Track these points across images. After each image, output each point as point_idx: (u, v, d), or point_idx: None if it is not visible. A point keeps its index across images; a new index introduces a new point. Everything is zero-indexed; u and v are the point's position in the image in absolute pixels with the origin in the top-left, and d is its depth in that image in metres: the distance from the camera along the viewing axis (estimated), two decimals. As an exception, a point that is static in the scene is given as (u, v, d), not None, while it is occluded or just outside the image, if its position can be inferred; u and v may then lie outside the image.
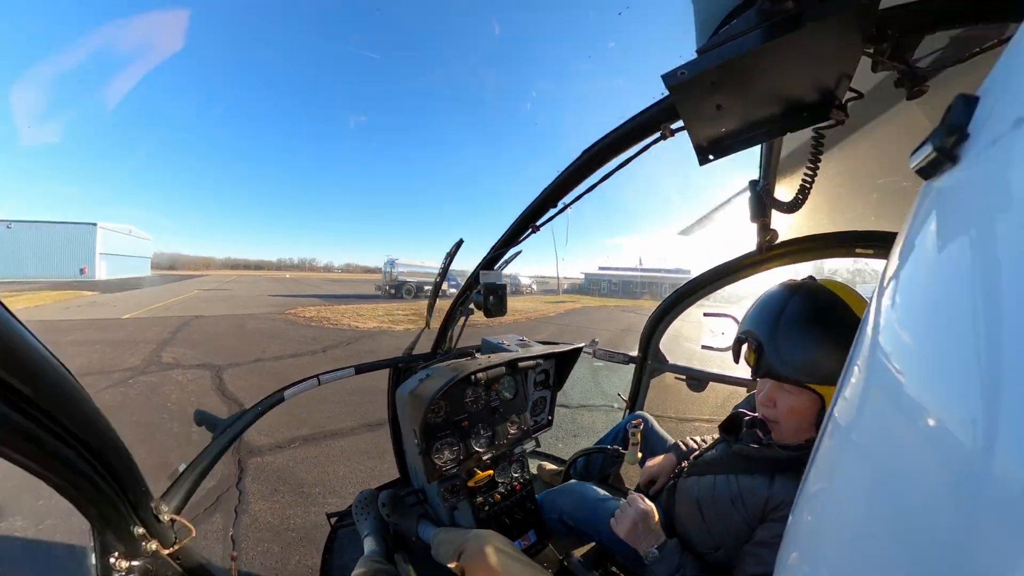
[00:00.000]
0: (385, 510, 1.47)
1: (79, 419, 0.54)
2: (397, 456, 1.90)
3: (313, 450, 3.62)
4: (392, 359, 1.74)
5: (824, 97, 0.71)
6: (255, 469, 3.30)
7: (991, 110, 0.31)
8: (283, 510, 2.73)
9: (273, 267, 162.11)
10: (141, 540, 0.71)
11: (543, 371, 1.82)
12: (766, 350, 0.92)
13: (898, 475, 0.33)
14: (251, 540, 2.42)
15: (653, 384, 2.31)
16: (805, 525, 0.50)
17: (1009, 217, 0.27)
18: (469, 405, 1.54)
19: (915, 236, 0.39)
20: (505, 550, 1.05)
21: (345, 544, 1.66)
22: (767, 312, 0.96)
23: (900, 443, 0.34)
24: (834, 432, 0.46)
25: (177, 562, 0.81)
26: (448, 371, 1.34)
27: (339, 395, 4.86)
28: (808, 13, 0.56)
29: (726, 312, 2.05)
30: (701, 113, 0.73)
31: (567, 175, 1.14)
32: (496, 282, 1.54)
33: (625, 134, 0.97)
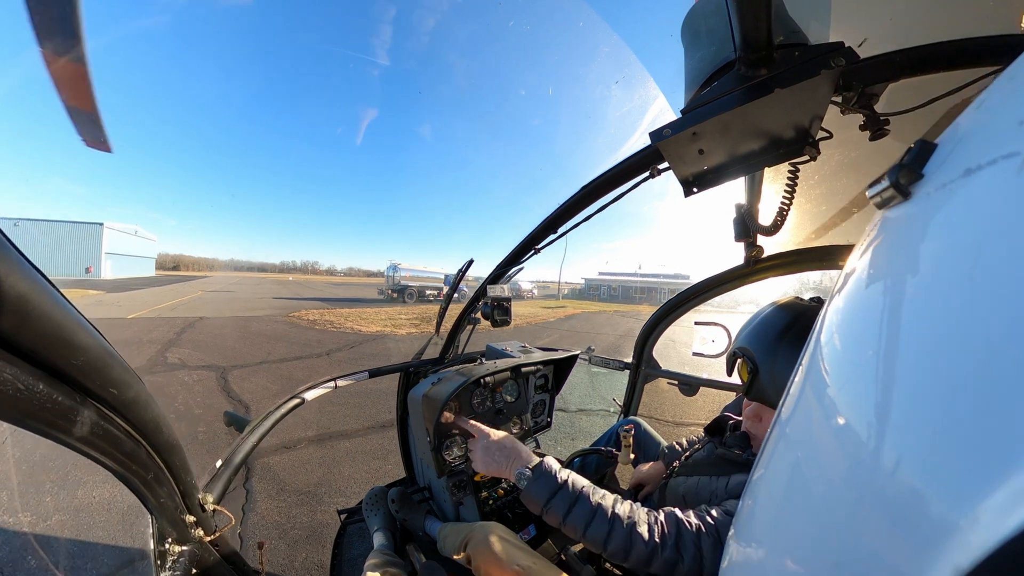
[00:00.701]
0: (394, 506, 1.56)
1: (149, 422, 0.62)
2: (404, 456, 1.98)
3: (319, 451, 3.70)
4: (403, 364, 1.86)
5: (798, 136, 0.79)
6: (262, 469, 3.38)
7: (946, 157, 0.34)
8: (289, 509, 2.81)
9: (276, 269, 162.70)
10: (191, 527, 0.79)
11: (542, 375, 1.93)
12: (761, 375, 0.91)
13: (814, 466, 0.38)
14: (258, 538, 2.49)
15: (648, 389, 2.40)
16: (746, 510, 0.56)
17: (946, 252, 0.30)
18: (476, 406, 1.64)
19: (863, 257, 0.43)
20: (508, 539, 1.11)
21: (354, 539, 1.74)
22: (766, 333, 0.94)
23: (818, 439, 0.39)
24: (775, 425, 0.52)
25: (216, 549, 0.89)
26: (458, 375, 1.45)
27: (344, 398, 4.94)
28: (778, 80, 0.65)
29: (716, 321, 2.16)
30: (685, 158, 0.83)
31: (567, 207, 1.25)
32: (502, 295, 1.66)
33: (618, 173, 1.08)
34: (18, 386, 0.39)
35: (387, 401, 5.02)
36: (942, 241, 0.31)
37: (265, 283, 47.54)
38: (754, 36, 0.60)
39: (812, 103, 0.70)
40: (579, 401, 5.41)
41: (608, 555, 0.80)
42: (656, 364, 2.35)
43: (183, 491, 0.77)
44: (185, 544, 0.78)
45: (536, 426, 1.91)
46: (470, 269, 1.77)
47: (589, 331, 14.89)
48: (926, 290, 0.31)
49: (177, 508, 0.75)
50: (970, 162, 0.30)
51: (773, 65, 0.65)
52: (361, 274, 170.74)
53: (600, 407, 5.24)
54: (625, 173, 1.07)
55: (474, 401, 1.63)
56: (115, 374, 0.52)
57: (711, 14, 0.75)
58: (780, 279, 1.80)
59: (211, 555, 0.86)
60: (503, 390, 1.75)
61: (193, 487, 0.80)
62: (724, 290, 1.97)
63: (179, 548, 0.76)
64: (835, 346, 0.42)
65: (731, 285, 1.93)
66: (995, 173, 0.28)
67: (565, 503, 0.84)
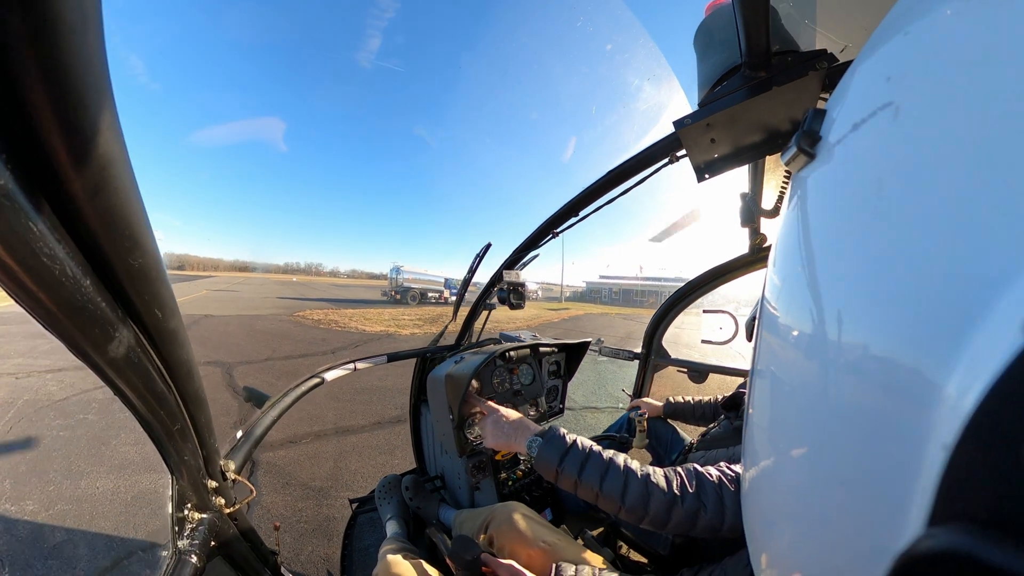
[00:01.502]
0: (408, 494, 1.51)
1: (183, 364, 0.56)
2: (415, 445, 1.95)
3: (324, 445, 3.66)
4: (421, 349, 1.87)
5: (794, 128, 0.84)
6: (267, 464, 3.34)
7: (835, 118, 0.41)
8: (295, 503, 2.76)
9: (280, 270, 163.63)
10: (212, 494, 0.74)
11: (555, 361, 1.97)
12: None
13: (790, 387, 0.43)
14: (264, 531, 2.45)
15: (657, 378, 2.44)
16: (748, 444, 0.61)
17: (852, 191, 0.36)
18: (497, 386, 1.67)
19: (787, 217, 0.50)
20: (532, 517, 1.08)
21: (364, 529, 1.71)
22: None
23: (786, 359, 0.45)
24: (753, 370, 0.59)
25: (235, 523, 0.84)
26: (479, 353, 1.48)
27: (348, 394, 4.91)
28: (775, 79, 0.79)
29: (723, 309, 2.22)
30: (699, 145, 0.96)
31: (591, 190, 1.32)
32: (517, 280, 1.69)
33: (641, 159, 1.18)
34: (66, 271, 0.33)
35: (392, 398, 4.98)
36: (848, 184, 0.37)
37: (269, 283, 47.78)
38: (756, 44, 0.73)
39: (804, 99, 0.83)
40: (584, 399, 5.35)
41: (627, 512, 0.78)
42: (665, 353, 2.39)
43: (206, 454, 0.71)
44: (205, 512, 0.73)
45: (551, 410, 1.93)
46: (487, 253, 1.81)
47: (593, 333, 14.83)
48: (844, 220, 0.37)
49: (199, 470, 0.70)
50: (855, 118, 0.36)
51: (771, 68, 0.78)
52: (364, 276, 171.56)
53: (607, 404, 5.18)
54: (647, 159, 1.16)
55: (494, 380, 1.67)
56: (164, 294, 0.46)
57: (720, 28, 0.90)
58: None
59: (230, 528, 0.81)
60: (519, 373, 1.77)
61: (216, 451, 0.75)
62: (731, 278, 2.04)
63: (199, 515, 0.71)
64: (776, 282, 0.49)
65: (738, 272, 2.00)
66: (876, 123, 0.33)
67: (577, 461, 0.84)
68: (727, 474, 0.79)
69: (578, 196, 1.36)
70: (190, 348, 0.57)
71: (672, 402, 1.84)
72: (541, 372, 1.89)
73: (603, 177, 1.29)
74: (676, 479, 0.78)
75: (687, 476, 0.79)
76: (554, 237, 1.55)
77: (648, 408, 1.86)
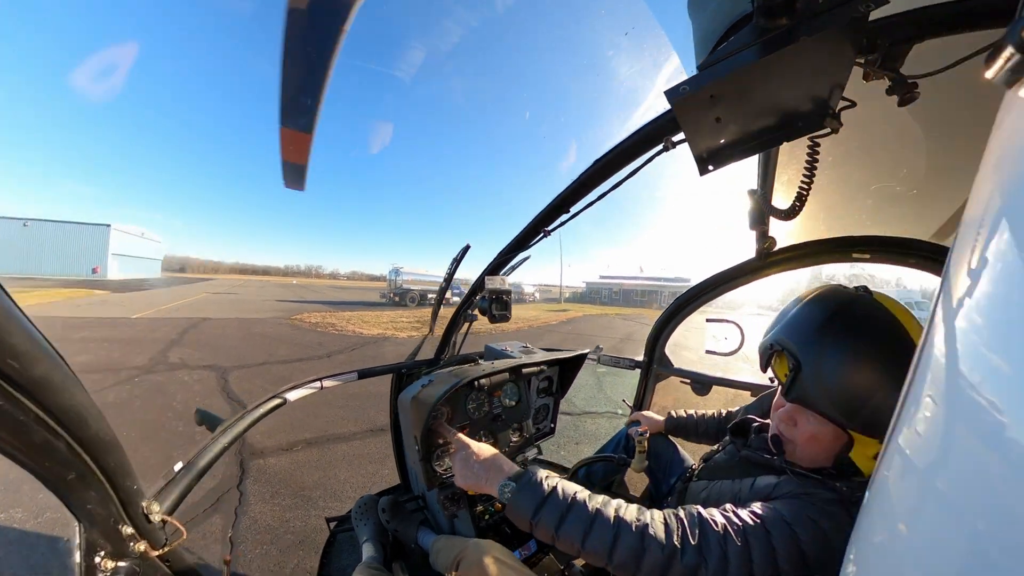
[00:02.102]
0: (385, 516, 1.45)
1: (70, 410, 0.53)
2: (398, 462, 1.88)
3: (315, 453, 3.60)
4: (395, 364, 1.73)
5: (818, 107, 0.73)
6: (257, 471, 3.28)
7: None
8: (283, 513, 2.70)
9: (280, 273, 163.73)
10: (130, 540, 0.68)
11: (546, 378, 1.80)
12: (804, 372, 0.79)
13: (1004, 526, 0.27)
14: (250, 542, 2.39)
15: (657, 388, 2.31)
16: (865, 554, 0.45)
17: None
18: (472, 412, 1.50)
19: (994, 195, 0.31)
20: (504, 560, 1.02)
21: (343, 549, 1.63)
22: (808, 324, 0.82)
23: (1001, 493, 0.27)
24: (906, 473, 0.39)
25: (167, 564, 0.79)
26: (450, 377, 1.33)
27: (342, 399, 4.85)
28: (801, 28, 0.59)
29: (728, 318, 2.09)
30: (701, 126, 0.77)
31: (578, 184, 1.18)
32: (501, 288, 1.52)
33: (631, 146, 1.00)
34: None
35: (387, 404, 4.91)
36: None
37: (269, 286, 47.76)
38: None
39: (835, 65, 0.66)
40: (585, 403, 5.28)
41: (615, 567, 0.69)
42: (668, 362, 2.25)
43: (122, 498, 0.66)
44: (122, 559, 0.67)
45: (538, 433, 1.78)
46: (465, 256, 1.64)
47: (592, 334, 14.75)
48: None
49: (111, 517, 0.65)
50: None
51: (794, 13, 0.59)
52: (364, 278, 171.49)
53: (606, 409, 5.12)
54: (638, 145, 0.99)
55: (469, 406, 1.50)
56: (20, 344, 0.43)
57: None
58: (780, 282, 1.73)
59: (159, 572, 0.75)
60: (502, 394, 1.61)
61: (135, 493, 0.70)
62: (736, 285, 1.88)
63: (113, 563, 0.65)
64: (989, 360, 0.29)
65: (744, 279, 1.84)
66: None
67: (556, 513, 0.73)
68: (734, 524, 0.70)
69: (566, 190, 1.23)
70: (80, 392, 0.54)
71: (674, 416, 1.70)
72: (529, 391, 1.73)
73: (589, 168, 1.13)
74: (677, 528, 0.69)
75: (689, 523, 0.70)
76: (544, 237, 1.38)
77: (649, 423, 1.71)
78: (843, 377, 0.75)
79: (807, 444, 0.84)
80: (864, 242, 1.51)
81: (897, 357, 0.73)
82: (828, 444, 0.81)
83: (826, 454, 0.82)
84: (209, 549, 2.32)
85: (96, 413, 0.58)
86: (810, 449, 0.84)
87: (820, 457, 0.84)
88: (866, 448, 0.79)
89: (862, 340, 0.76)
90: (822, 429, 0.80)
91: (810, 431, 0.82)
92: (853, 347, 0.76)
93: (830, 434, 0.80)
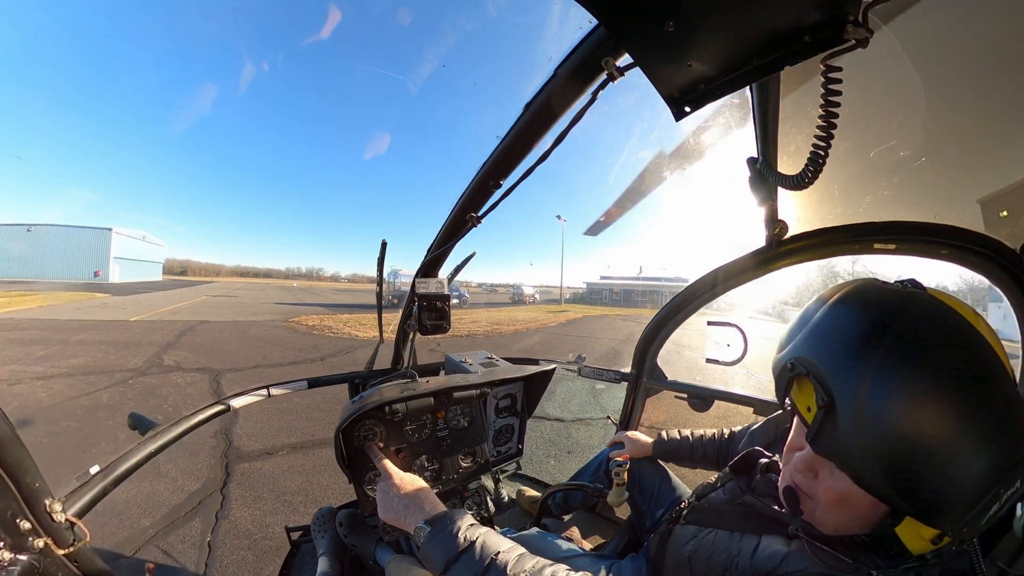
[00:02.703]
0: (343, 530, 1.39)
1: None
2: None
3: (300, 458, 3.59)
4: (349, 374, 1.66)
5: (833, 8, 0.47)
6: (241, 475, 3.27)
7: None
8: (263, 518, 2.69)
9: (282, 275, 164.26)
10: (29, 535, 0.70)
11: (507, 396, 1.62)
12: (840, 413, 0.52)
13: None
14: (228, 547, 2.39)
15: (650, 402, 2.08)
16: None
17: None
18: (409, 434, 1.36)
19: None
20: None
21: (305, 561, 1.57)
22: (842, 337, 0.55)
23: None
24: None
25: (76, 564, 0.79)
26: (362, 401, 1.21)
27: (331, 403, 4.84)
28: None
29: (730, 321, 1.83)
30: (650, 41, 0.53)
31: (505, 147, 0.92)
32: (434, 292, 1.34)
33: (560, 85, 0.75)
34: None
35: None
36: None
37: (269, 288, 47.87)
38: None
39: None
40: (578, 410, 5.25)
41: None
42: (661, 374, 2.01)
43: (24, 495, 0.69)
44: (20, 552, 0.69)
45: (500, 456, 1.64)
46: (386, 252, 1.44)
47: (589, 336, 14.70)
48: None
49: (8, 510, 0.67)
50: None
51: None
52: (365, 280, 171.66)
53: (601, 416, 5.08)
54: (571, 82, 0.73)
55: (406, 428, 1.35)
56: None
57: None
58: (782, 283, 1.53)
59: (63, 571, 0.76)
60: (448, 415, 1.44)
61: (37, 491, 0.72)
62: (742, 281, 1.61)
63: (11, 555, 0.67)
64: None
65: (753, 273, 1.54)
66: None
67: (469, 572, 0.65)
68: None
69: (490, 158, 0.98)
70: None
71: (664, 439, 1.43)
72: (485, 411, 1.55)
73: (514, 126, 0.88)
74: None
75: None
76: (475, 224, 1.14)
77: (633, 447, 1.47)
78: (899, 429, 0.48)
79: (832, 507, 0.59)
80: (887, 229, 1.23)
81: (987, 390, 0.47)
82: (864, 512, 0.57)
83: (860, 521, 0.58)
84: (186, 554, 2.32)
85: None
86: (836, 513, 0.60)
87: (850, 523, 0.60)
88: (919, 529, 0.52)
89: (930, 364, 0.48)
90: (854, 492, 0.55)
91: (836, 491, 0.57)
92: (918, 376, 0.48)
93: (867, 501, 0.54)
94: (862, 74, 0.63)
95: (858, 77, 0.61)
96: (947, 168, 1.03)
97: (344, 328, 12.95)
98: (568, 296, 52.65)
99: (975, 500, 0.46)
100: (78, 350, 7.51)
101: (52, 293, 21.36)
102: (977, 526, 0.48)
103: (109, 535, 2.43)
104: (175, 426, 1.15)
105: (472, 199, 1.10)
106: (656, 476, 1.41)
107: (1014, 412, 0.47)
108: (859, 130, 0.94)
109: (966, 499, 0.46)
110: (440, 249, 1.31)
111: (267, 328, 12.35)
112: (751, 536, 0.72)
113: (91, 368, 6.24)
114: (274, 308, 19.93)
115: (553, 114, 0.81)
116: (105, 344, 8.21)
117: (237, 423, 4.16)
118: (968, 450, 0.46)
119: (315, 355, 8.56)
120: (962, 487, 0.46)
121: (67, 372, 5.99)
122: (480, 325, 15.78)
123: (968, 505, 0.46)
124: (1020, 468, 0.46)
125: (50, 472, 0.73)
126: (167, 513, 2.70)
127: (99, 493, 0.92)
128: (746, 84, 0.57)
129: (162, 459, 3.45)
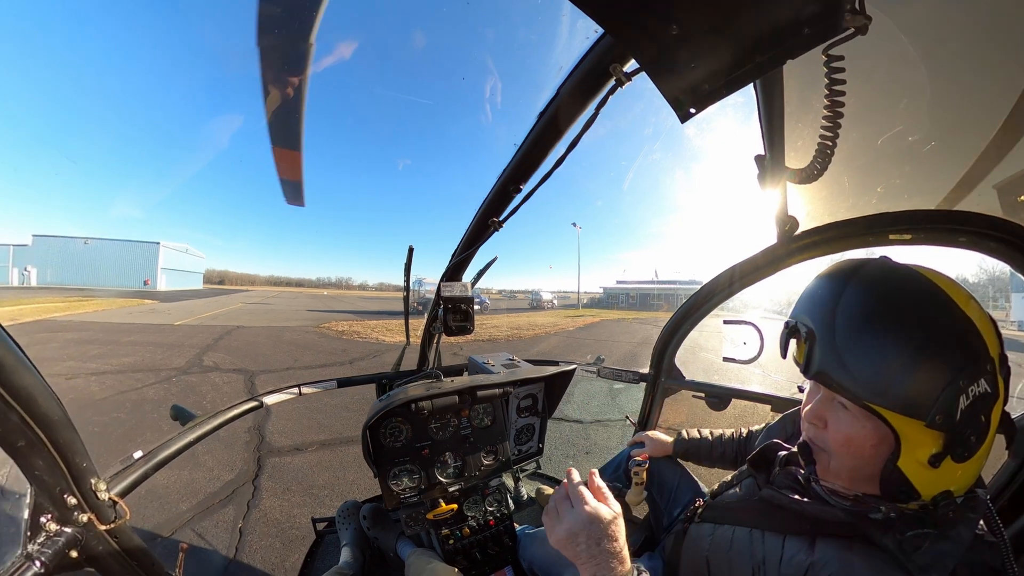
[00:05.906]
0: (366, 523, 1.44)
1: (21, 390, 0.62)
2: None
3: (328, 454, 3.70)
4: (377, 375, 1.72)
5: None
6: (272, 468, 3.40)
7: None
8: (291, 509, 2.79)
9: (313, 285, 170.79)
10: (74, 510, 0.75)
11: (529, 396, 1.65)
12: (819, 341, 0.66)
13: None
14: (257, 534, 2.48)
15: (667, 405, 2.08)
16: None
17: None
18: (434, 432, 1.39)
19: None
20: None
21: (329, 551, 1.61)
22: (821, 294, 0.70)
23: None
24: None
25: (115, 540, 0.84)
26: (389, 399, 1.25)
27: (359, 403, 4.97)
28: None
29: (744, 319, 1.84)
30: (655, 45, 0.54)
31: (523, 153, 0.97)
32: (459, 295, 1.37)
33: (571, 93, 0.78)
34: None
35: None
36: None
37: (301, 297, 49.79)
38: None
39: None
40: (597, 411, 5.16)
41: None
42: (679, 374, 2.02)
43: (73, 473, 0.74)
44: (66, 525, 0.74)
45: (520, 455, 1.66)
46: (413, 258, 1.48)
47: (606, 339, 14.45)
48: None
49: (57, 486, 0.72)
50: None
51: None
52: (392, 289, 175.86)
53: (619, 417, 4.98)
54: (583, 88, 0.75)
55: (431, 425, 1.39)
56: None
57: None
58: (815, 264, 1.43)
59: (104, 545, 0.81)
60: (472, 414, 1.47)
61: (86, 470, 0.77)
62: (756, 279, 1.62)
63: (57, 527, 0.72)
64: None
65: (766, 271, 1.56)
66: None
67: None
68: None
69: (508, 169, 1.03)
70: (29, 375, 0.63)
71: (685, 438, 1.44)
72: (507, 411, 1.58)
73: (530, 133, 0.91)
74: None
75: None
76: (497, 228, 1.17)
77: (653, 447, 1.47)
78: (865, 341, 0.62)
79: (842, 450, 0.68)
80: (902, 219, 1.21)
81: (928, 312, 0.61)
82: (867, 449, 0.65)
83: (867, 468, 0.67)
84: (219, 537, 2.42)
85: (47, 394, 0.66)
86: (847, 456, 0.68)
87: (861, 471, 0.68)
88: (916, 451, 0.62)
89: (884, 302, 0.63)
90: (856, 427, 0.65)
91: (844, 432, 0.67)
92: (873, 310, 0.63)
93: (868, 433, 0.64)
94: (864, 62, 0.62)
95: (861, 65, 0.62)
96: (960, 155, 1.00)
97: (372, 333, 13.29)
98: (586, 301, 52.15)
99: (938, 390, 0.57)
100: (128, 350, 8.07)
101: (107, 299, 23.09)
102: (953, 421, 0.57)
103: (149, 516, 2.58)
104: (213, 418, 1.22)
105: (493, 204, 1.14)
106: (675, 475, 1.42)
107: (956, 332, 0.59)
108: (865, 118, 0.93)
109: (929, 389, 0.57)
110: (464, 254, 1.36)
111: (299, 333, 12.84)
112: (773, 535, 0.74)
113: (139, 366, 6.68)
114: (305, 315, 20.71)
115: (566, 120, 0.85)
116: (152, 345, 8.78)
117: (269, 420, 4.33)
118: (920, 357, 0.59)
119: (344, 358, 8.81)
120: (923, 380, 0.58)
121: (118, 369, 6.46)
122: (501, 330, 15.82)
123: (931, 395, 0.57)
124: (974, 369, 0.57)
125: (98, 456, 0.79)
126: (203, 500, 2.84)
127: (141, 476, 0.97)
128: (749, 81, 0.58)
129: (200, 450, 3.64)
